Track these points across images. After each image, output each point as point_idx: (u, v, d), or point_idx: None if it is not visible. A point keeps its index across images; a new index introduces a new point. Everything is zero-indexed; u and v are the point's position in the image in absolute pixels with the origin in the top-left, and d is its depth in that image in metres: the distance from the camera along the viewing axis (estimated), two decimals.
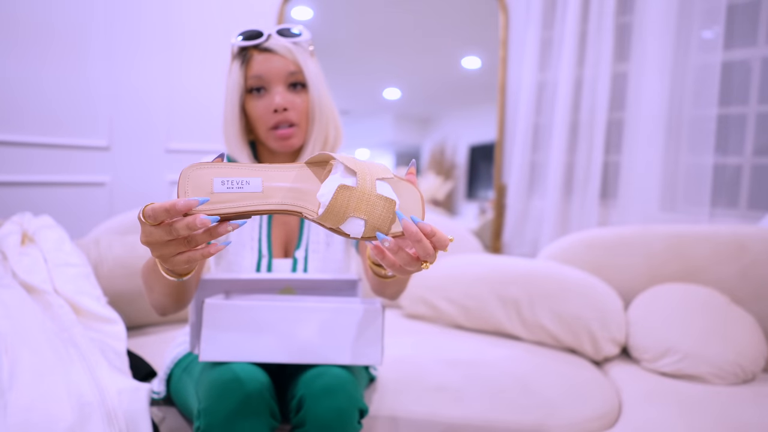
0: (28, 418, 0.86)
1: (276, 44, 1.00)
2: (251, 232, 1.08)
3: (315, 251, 1.08)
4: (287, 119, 1.01)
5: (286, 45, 1.00)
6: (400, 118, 2.69)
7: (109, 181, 2.27)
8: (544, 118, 2.30)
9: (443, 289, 1.70)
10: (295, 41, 1.00)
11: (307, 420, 0.86)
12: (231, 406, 0.83)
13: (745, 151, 1.89)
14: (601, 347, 1.49)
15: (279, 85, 1.00)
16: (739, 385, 1.34)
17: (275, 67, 0.99)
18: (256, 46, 1.00)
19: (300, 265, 1.07)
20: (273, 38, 1.00)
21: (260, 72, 1.00)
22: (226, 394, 0.84)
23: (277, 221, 1.10)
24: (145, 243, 0.65)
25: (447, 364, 1.34)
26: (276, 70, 0.99)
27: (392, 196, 0.68)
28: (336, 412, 0.86)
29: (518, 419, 1.14)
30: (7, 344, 0.97)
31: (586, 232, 1.80)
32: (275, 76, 1.00)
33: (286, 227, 1.11)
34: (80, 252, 1.37)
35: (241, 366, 0.89)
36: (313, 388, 0.88)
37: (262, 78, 1.00)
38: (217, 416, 0.82)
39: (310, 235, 1.09)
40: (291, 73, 1.00)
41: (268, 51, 1.00)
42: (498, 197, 2.43)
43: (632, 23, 2.07)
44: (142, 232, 0.64)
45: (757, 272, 1.51)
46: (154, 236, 0.63)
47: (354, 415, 0.88)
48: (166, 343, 1.43)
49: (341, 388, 0.88)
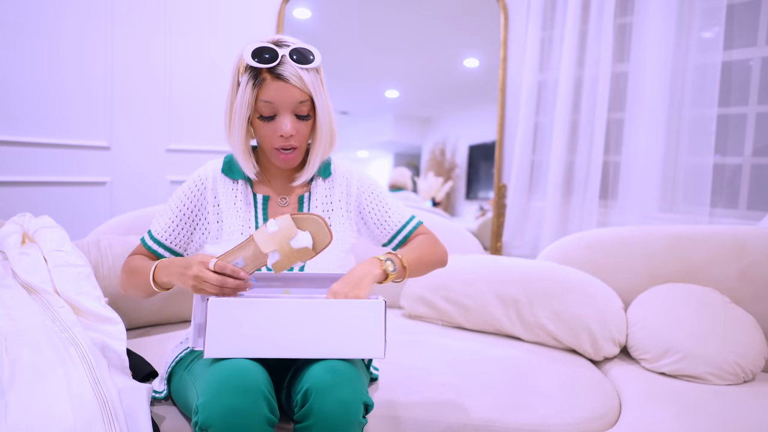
0: (28, 418, 0.86)
1: (289, 72, 1.00)
2: (246, 228, 1.10)
3: None
4: (290, 145, 1.04)
5: (299, 74, 1.00)
6: (400, 118, 2.69)
7: (109, 180, 2.27)
8: (544, 117, 2.30)
9: (443, 289, 1.70)
10: (308, 68, 1.01)
11: (313, 413, 0.86)
12: (228, 402, 0.83)
13: (744, 151, 1.89)
14: (601, 347, 1.49)
15: (287, 112, 1.02)
16: (738, 385, 1.34)
17: (287, 96, 1.01)
18: (270, 69, 1.00)
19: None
20: (285, 63, 1.00)
21: (272, 99, 1.01)
22: (223, 389, 0.84)
23: (275, 215, 1.12)
24: (194, 277, 0.92)
25: (447, 364, 1.34)
26: (287, 99, 1.01)
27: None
28: (341, 406, 0.86)
29: (518, 419, 1.14)
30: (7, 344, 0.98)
31: (586, 233, 1.80)
32: (285, 104, 1.01)
33: None
34: (80, 252, 1.37)
35: (239, 362, 0.89)
36: (318, 381, 0.88)
37: (273, 105, 1.01)
38: (215, 411, 0.83)
39: None
40: (300, 102, 1.02)
41: (280, 78, 1.00)
42: (498, 197, 2.43)
43: (632, 23, 2.07)
44: (199, 271, 0.92)
45: (757, 272, 1.52)
46: (208, 278, 0.91)
47: (359, 408, 0.89)
48: (166, 343, 1.43)
49: (347, 382, 0.89)
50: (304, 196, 1.15)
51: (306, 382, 0.89)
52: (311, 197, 1.15)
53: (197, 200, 1.13)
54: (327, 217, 1.15)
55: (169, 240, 1.13)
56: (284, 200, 1.14)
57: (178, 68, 2.38)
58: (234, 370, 0.87)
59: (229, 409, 0.83)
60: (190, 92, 2.41)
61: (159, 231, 1.13)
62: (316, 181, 1.16)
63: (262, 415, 0.85)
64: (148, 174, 2.37)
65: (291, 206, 1.15)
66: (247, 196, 1.13)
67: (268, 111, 1.02)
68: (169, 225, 1.13)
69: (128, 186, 2.32)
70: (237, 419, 0.83)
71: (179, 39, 2.37)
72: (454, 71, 2.58)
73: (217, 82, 2.40)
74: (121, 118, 2.27)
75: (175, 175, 2.42)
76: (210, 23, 2.44)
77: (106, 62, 2.20)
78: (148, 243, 1.14)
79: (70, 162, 2.16)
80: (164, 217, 1.14)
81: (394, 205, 1.20)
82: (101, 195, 2.26)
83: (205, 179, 1.14)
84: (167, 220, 1.13)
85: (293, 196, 1.15)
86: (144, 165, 2.35)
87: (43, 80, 2.06)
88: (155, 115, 2.36)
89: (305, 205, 1.15)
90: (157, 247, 1.13)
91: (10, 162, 2.01)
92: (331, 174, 1.17)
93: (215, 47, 2.44)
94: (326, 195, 1.16)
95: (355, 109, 2.70)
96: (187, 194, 1.13)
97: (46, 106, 2.08)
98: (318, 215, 0.96)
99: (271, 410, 0.87)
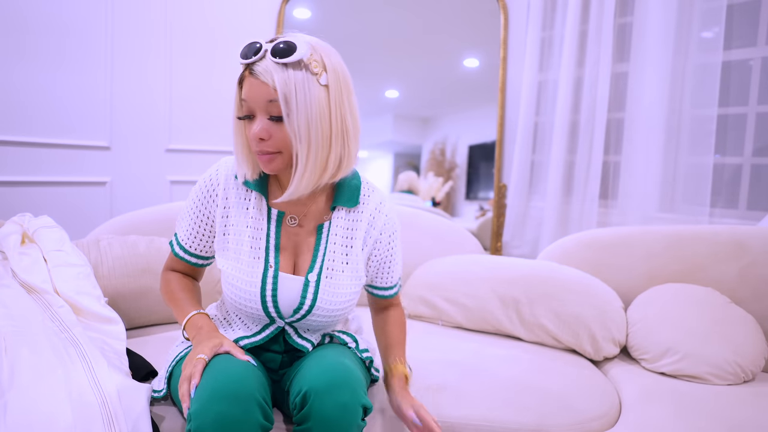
0: (28, 418, 0.86)
1: (261, 68, 0.89)
2: (256, 242, 1.03)
3: (328, 276, 1.03)
4: (264, 150, 0.93)
5: (269, 69, 0.89)
6: (400, 118, 2.69)
7: (109, 180, 2.27)
8: (544, 118, 2.30)
9: (443, 289, 1.70)
10: (285, 62, 0.88)
11: (312, 415, 0.86)
12: (220, 409, 0.82)
13: (744, 151, 1.89)
14: (601, 347, 1.49)
15: (261, 112, 0.92)
16: (738, 385, 1.34)
17: (255, 94, 0.91)
18: (248, 65, 0.92)
19: (311, 288, 1.02)
20: (265, 58, 0.90)
21: (245, 97, 0.93)
22: (215, 397, 0.83)
23: (284, 234, 1.04)
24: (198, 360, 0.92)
25: (447, 364, 1.34)
26: (255, 98, 0.91)
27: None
28: (340, 408, 0.86)
29: (518, 419, 1.14)
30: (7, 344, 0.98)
31: (585, 233, 1.80)
32: (256, 103, 0.91)
33: (295, 241, 1.05)
34: (80, 252, 1.37)
35: (233, 368, 0.89)
36: (317, 383, 0.87)
37: (248, 104, 0.93)
38: (207, 419, 0.82)
39: (325, 259, 1.04)
40: (270, 101, 0.90)
41: (252, 75, 0.91)
42: (498, 197, 2.43)
43: (632, 23, 2.07)
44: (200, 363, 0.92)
45: (757, 272, 1.51)
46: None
47: (358, 411, 0.88)
48: (166, 343, 1.43)
49: (346, 384, 0.88)
50: (323, 226, 1.05)
51: (305, 384, 0.89)
52: (331, 228, 1.05)
53: (208, 203, 1.05)
54: (345, 253, 1.05)
55: (193, 246, 1.08)
56: (294, 220, 1.04)
57: (179, 68, 2.38)
58: (227, 377, 0.86)
59: (221, 417, 0.82)
60: (190, 92, 2.41)
61: (183, 236, 1.09)
62: (339, 210, 1.05)
63: (255, 422, 0.84)
64: (148, 174, 2.37)
65: (306, 231, 1.05)
66: (261, 210, 1.04)
67: (245, 110, 0.94)
68: (188, 230, 1.08)
69: (128, 186, 2.32)
70: (229, 427, 0.82)
71: (179, 39, 2.37)
72: (454, 71, 2.58)
73: (218, 82, 2.40)
74: (121, 118, 2.27)
75: (175, 175, 2.42)
76: (210, 23, 2.44)
77: (107, 62, 2.20)
78: (175, 249, 1.10)
79: (70, 162, 2.16)
80: (184, 220, 1.09)
81: (397, 261, 1.14)
82: (101, 195, 2.26)
83: (217, 183, 1.05)
84: (187, 224, 1.08)
85: (311, 221, 1.05)
86: (144, 165, 2.35)
87: (43, 80, 2.06)
88: (155, 115, 2.36)
89: (323, 235, 1.04)
90: (184, 254, 1.09)
91: (10, 162, 2.01)
92: (358, 204, 1.06)
93: (215, 47, 2.44)
94: (348, 228, 1.06)
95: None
96: (199, 197, 1.06)
97: (47, 107, 2.08)
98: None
99: (265, 417, 0.86)
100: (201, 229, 1.07)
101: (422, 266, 1.83)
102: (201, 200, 1.06)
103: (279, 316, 1.03)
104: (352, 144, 0.97)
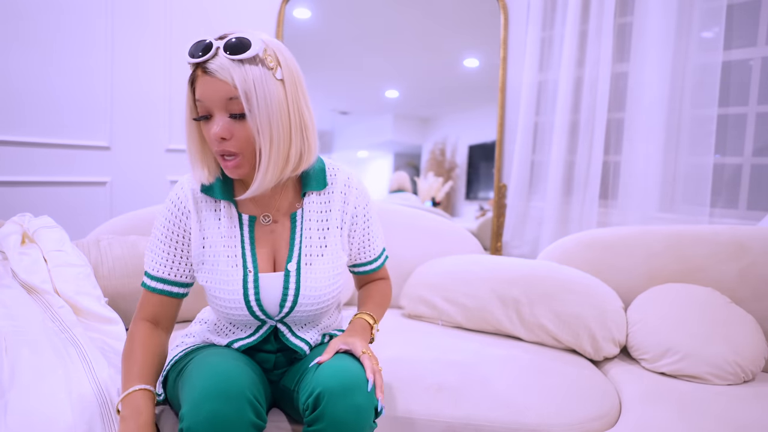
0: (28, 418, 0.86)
1: (216, 65, 0.87)
2: (230, 249, 1.01)
3: (308, 263, 1.03)
4: (226, 150, 0.91)
5: (225, 66, 0.86)
6: (400, 118, 2.69)
7: (109, 180, 2.27)
8: (544, 117, 2.30)
9: (443, 289, 1.70)
10: (241, 58, 0.86)
11: (325, 417, 0.86)
12: (212, 408, 0.82)
13: (744, 151, 1.89)
14: (601, 347, 1.49)
15: (220, 111, 0.89)
16: (738, 385, 1.34)
17: (214, 92, 0.88)
18: (199, 64, 0.89)
19: (292, 278, 1.02)
20: (218, 56, 0.87)
21: (200, 96, 0.90)
22: (206, 396, 0.83)
23: (261, 234, 1.03)
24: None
25: (447, 364, 1.34)
26: (213, 96, 0.88)
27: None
28: (354, 410, 0.86)
29: (518, 419, 1.14)
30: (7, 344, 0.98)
31: (586, 233, 1.80)
32: (213, 102, 0.89)
33: (272, 238, 1.04)
34: (80, 252, 1.37)
35: (223, 367, 0.89)
36: (331, 385, 0.87)
37: (204, 104, 0.90)
38: (199, 419, 0.82)
39: (302, 246, 1.03)
40: (230, 98, 0.88)
41: (206, 73, 0.88)
42: (498, 197, 2.43)
43: (632, 23, 2.07)
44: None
45: (757, 272, 1.52)
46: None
47: (371, 413, 0.88)
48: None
49: (360, 386, 0.88)
50: (297, 214, 1.04)
51: (318, 386, 0.88)
52: (304, 215, 1.04)
53: (181, 221, 1.02)
54: (322, 236, 1.05)
55: (172, 273, 1.03)
56: (267, 218, 1.03)
57: (178, 68, 2.39)
58: (217, 376, 0.86)
59: (212, 416, 0.82)
60: None
61: (156, 268, 1.02)
62: (310, 195, 1.05)
63: (247, 420, 0.84)
64: (148, 174, 2.37)
65: (281, 225, 1.04)
66: (231, 218, 1.02)
67: (201, 110, 0.91)
68: (162, 258, 1.02)
69: (128, 186, 2.32)
70: (221, 425, 0.82)
71: (179, 39, 2.37)
72: (454, 71, 2.58)
73: None
74: (121, 118, 2.27)
75: (175, 175, 2.42)
76: (210, 23, 2.44)
77: (107, 62, 2.20)
78: (151, 285, 1.02)
79: (70, 162, 2.16)
80: (155, 252, 1.03)
81: (376, 231, 1.15)
82: (101, 195, 2.26)
83: (186, 199, 1.02)
84: (159, 253, 1.03)
85: (282, 213, 1.05)
86: (144, 165, 2.35)
87: (43, 80, 2.06)
88: (155, 115, 2.36)
89: (298, 223, 1.04)
90: (163, 285, 1.02)
91: (11, 162, 2.01)
92: (327, 185, 1.06)
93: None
94: (322, 211, 1.06)
95: (355, 109, 2.70)
96: (169, 218, 1.02)
97: (47, 107, 2.08)
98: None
99: (257, 415, 0.86)
100: (177, 251, 1.03)
101: (422, 266, 1.83)
102: (172, 221, 1.02)
103: (267, 317, 1.03)
104: (311, 137, 0.97)
